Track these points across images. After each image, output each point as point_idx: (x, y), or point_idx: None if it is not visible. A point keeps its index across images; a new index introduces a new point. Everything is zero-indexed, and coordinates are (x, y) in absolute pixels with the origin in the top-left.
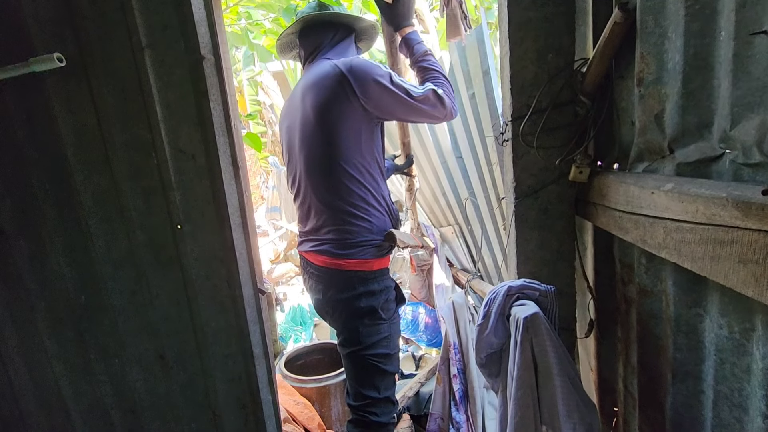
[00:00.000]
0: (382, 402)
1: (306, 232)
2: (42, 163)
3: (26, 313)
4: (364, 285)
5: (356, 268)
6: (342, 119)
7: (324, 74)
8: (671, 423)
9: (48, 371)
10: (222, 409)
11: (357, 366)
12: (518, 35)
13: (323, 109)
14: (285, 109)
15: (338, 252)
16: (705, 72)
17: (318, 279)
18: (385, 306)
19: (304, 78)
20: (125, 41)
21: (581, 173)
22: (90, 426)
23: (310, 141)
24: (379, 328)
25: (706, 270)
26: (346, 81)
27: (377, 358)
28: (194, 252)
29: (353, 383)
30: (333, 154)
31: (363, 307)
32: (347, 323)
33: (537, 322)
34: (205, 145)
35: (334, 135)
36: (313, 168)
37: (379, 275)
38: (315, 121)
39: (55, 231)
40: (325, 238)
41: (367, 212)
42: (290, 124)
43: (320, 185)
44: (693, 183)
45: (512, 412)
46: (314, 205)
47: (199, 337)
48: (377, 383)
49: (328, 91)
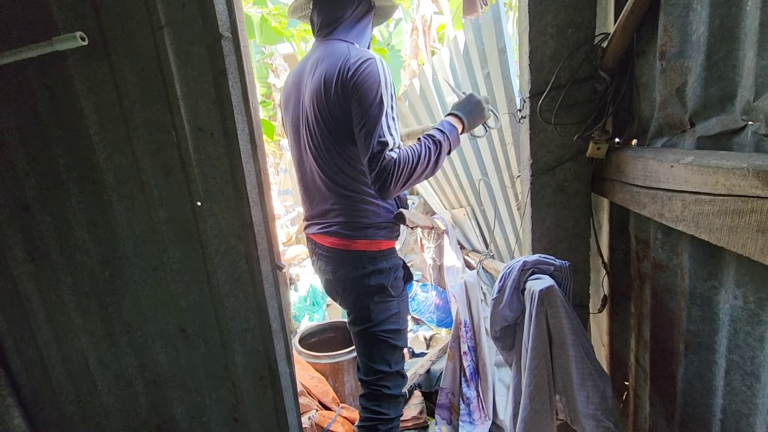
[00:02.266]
0: (393, 375)
1: (313, 215)
2: (65, 140)
3: (53, 287)
4: (373, 263)
5: (365, 248)
6: (336, 117)
7: (342, 62)
8: (682, 393)
9: (75, 343)
10: (241, 380)
11: (368, 342)
12: (538, 10)
13: (320, 101)
14: (291, 86)
15: (347, 233)
16: (730, 43)
17: (327, 260)
18: (394, 284)
19: (316, 54)
20: (145, 19)
21: (599, 149)
22: (115, 395)
23: (322, 122)
24: (388, 305)
25: (723, 240)
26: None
27: (387, 334)
28: (213, 228)
29: (364, 359)
30: (346, 136)
31: (373, 285)
32: (358, 301)
33: (552, 295)
34: (224, 123)
35: (348, 118)
36: (324, 150)
37: (387, 254)
38: (328, 103)
39: (78, 207)
40: (334, 221)
41: (376, 196)
42: (298, 103)
43: (331, 168)
44: (713, 155)
45: (527, 381)
46: (323, 188)
47: (218, 311)
48: (388, 358)
49: (324, 83)
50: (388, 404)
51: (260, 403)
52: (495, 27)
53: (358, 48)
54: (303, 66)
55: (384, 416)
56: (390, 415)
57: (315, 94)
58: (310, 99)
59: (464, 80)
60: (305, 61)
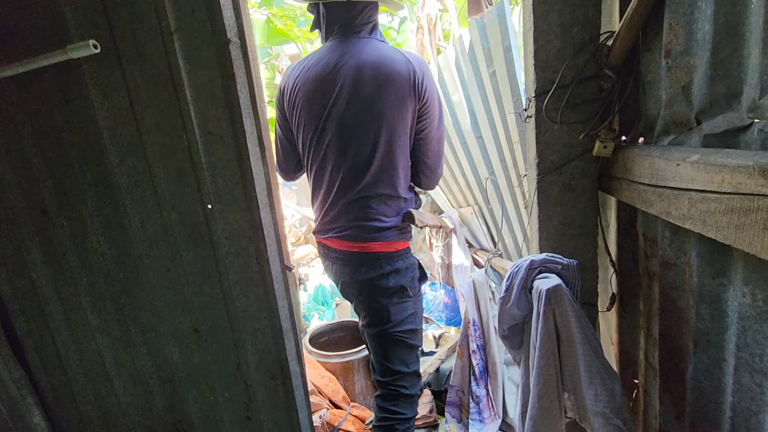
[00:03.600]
0: (410, 375)
1: (327, 219)
2: (80, 145)
3: (70, 288)
4: (390, 264)
5: (381, 249)
6: (403, 116)
7: (392, 63)
8: (692, 391)
9: (92, 343)
10: (253, 379)
11: (386, 343)
12: (542, 9)
13: (389, 103)
14: (314, 83)
15: (364, 236)
16: (735, 41)
17: (343, 263)
18: (412, 283)
19: (348, 52)
20: (155, 26)
21: (605, 148)
22: (131, 394)
23: (372, 121)
24: (406, 305)
25: (730, 238)
26: (416, 79)
27: (405, 334)
28: (224, 230)
29: (382, 360)
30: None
31: (392, 286)
32: (376, 303)
33: (560, 294)
34: (233, 127)
35: (394, 130)
36: (359, 156)
37: (403, 253)
38: (387, 102)
39: (94, 211)
40: (350, 225)
41: (398, 202)
42: (327, 102)
43: (358, 168)
44: (719, 153)
45: (535, 379)
46: (341, 189)
47: (230, 311)
48: (405, 358)
49: (398, 86)
50: (405, 404)
51: (272, 401)
52: (500, 26)
53: (405, 51)
54: (329, 63)
55: (401, 416)
56: (407, 414)
57: (369, 93)
58: (357, 97)
59: (470, 79)
60: (329, 58)
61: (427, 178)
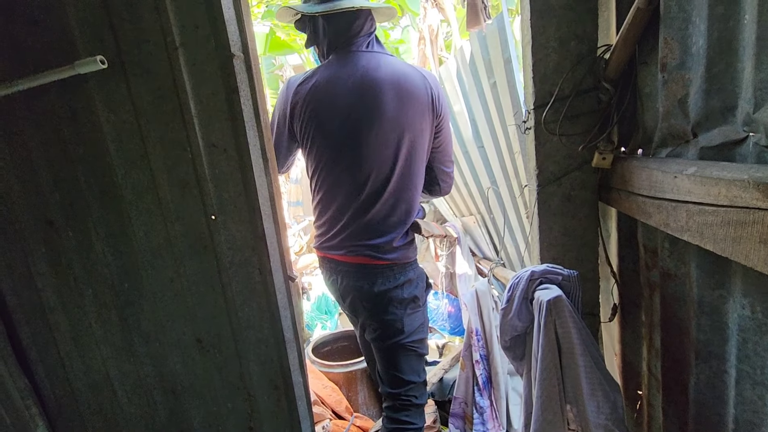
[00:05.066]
0: (421, 385)
1: (344, 237)
2: (86, 158)
3: (75, 299)
4: (403, 274)
5: (394, 261)
6: (423, 133)
7: (410, 76)
8: (695, 403)
9: (96, 353)
10: (256, 390)
11: (398, 354)
12: (540, 23)
13: (409, 111)
14: (330, 101)
15: (376, 254)
16: (729, 56)
17: (357, 276)
18: (422, 293)
19: (360, 67)
20: (160, 41)
21: (604, 159)
22: (135, 405)
23: (395, 135)
24: (418, 315)
25: (728, 251)
26: (434, 98)
27: (416, 344)
28: (228, 241)
29: (393, 371)
30: (410, 163)
31: (406, 297)
32: (389, 314)
33: (560, 305)
34: (236, 139)
35: (415, 147)
36: (380, 174)
37: (414, 264)
38: (398, 129)
39: (99, 222)
40: (367, 243)
41: (412, 214)
42: (343, 118)
43: (382, 193)
44: (715, 166)
45: (537, 392)
46: (364, 210)
47: (233, 321)
48: (416, 367)
49: (419, 103)
50: (416, 414)
51: (275, 412)
52: (500, 37)
53: (416, 66)
54: (343, 80)
55: (413, 426)
56: (418, 424)
57: (392, 111)
58: (381, 115)
59: (471, 89)
60: (341, 74)
61: (446, 183)
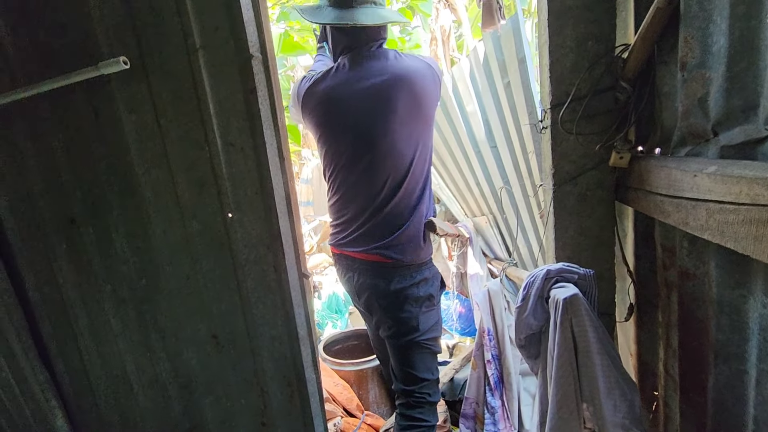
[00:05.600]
0: (435, 383)
1: (356, 234)
2: (108, 157)
3: (94, 294)
4: (420, 273)
5: (413, 260)
6: (431, 118)
7: (420, 72)
8: (713, 403)
9: (114, 348)
10: (269, 386)
11: (413, 352)
12: (557, 24)
13: (423, 108)
14: (340, 99)
15: (393, 254)
16: (751, 54)
17: (373, 274)
18: (437, 291)
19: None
20: (181, 43)
21: (622, 159)
22: (150, 399)
23: (399, 141)
24: (433, 313)
25: (749, 249)
26: (438, 81)
27: (431, 342)
28: (243, 239)
29: (407, 369)
30: (424, 156)
31: (422, 295)
32: (405, 312)
33: (576, 303)
34: (254, 139)
35: (427, 136)
36: (395, 170)
37: (429, 262)
38: (411, 121)
39: (119, 220)
40: (383, 243)
41: (423, 212)
42: (355, 118)
43: (397, 188)
44: (736, 165)
45: (553, 390)
46: (375, 208)
47: (248, 318)
48: (430, 365)
49: (427, 92)
50: (430, 411)
51: (288, 408)
52: (515, 37)
53: (418, 55)
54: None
55: (427, 423)
56: (431, 422)
57: (406, 106)
58: (389, 113)
59: (484, 90)
60: (352, 77)
61: None
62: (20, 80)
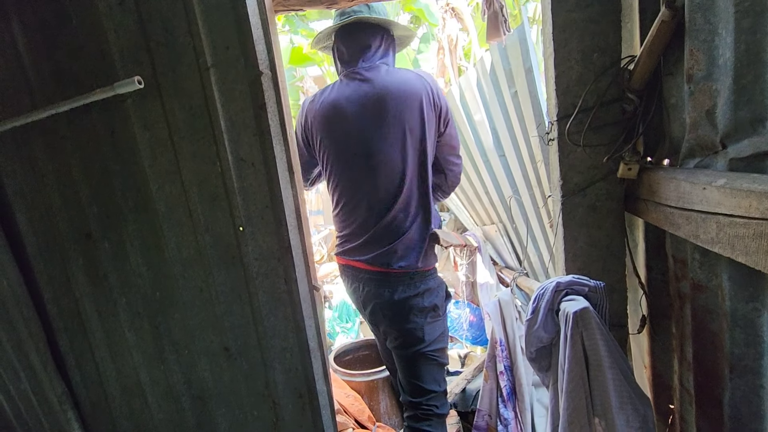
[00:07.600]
0: (442, 395)
1: (362, 242)
2: (123, 173)
3: (110, 307)
4: (424, 283)
5: (416, 269)
6: (429, 130)
7: (410, 84)
8: (730, 418)
9: (128, 360)
10: (281, 398)
11: (419, 363)
12: (562, 37)
13: (415, 120)
14: (336, 112)
15: (395, 262)
16: (757, 67)
17: (378, 283)
18: (443, 302)
19: (368, 81)
20: (193, 62)
21: (630, 170)
22: (164, 410)
23: (391, 150)
24: (438, 324)
25: (761, 264)
26: (432, 93)
27: (437, 353)
28: (255, 252)
29: (414, 380)
30: (419, 164)
31: (427, 306)
32: (410, 323)
33: (587, 317)
34: (264, 154)
35: (422, 145)
36: (390, 178)
37: (434, 272)
38: (402, 130)
39: (134, 234)
40: (384, 251)
41: (429, 216)
42: (350, 129)
43: (395, 196)
44: (745, 178)
45: (564, 404)
46: (381, 215)
47: (259, 330)
48: (437, 377)
49: (418, 104)
50: (437, 424)
51: (299, 421)
52: (521, 47)
53: (414, 69)
54: (345, 94)
55: None
56: None
57: (389, 116)
58: (381, 122)
59: (492, 99)
60: (345, 90)
61: (452, 172)
62: (40, 101)
